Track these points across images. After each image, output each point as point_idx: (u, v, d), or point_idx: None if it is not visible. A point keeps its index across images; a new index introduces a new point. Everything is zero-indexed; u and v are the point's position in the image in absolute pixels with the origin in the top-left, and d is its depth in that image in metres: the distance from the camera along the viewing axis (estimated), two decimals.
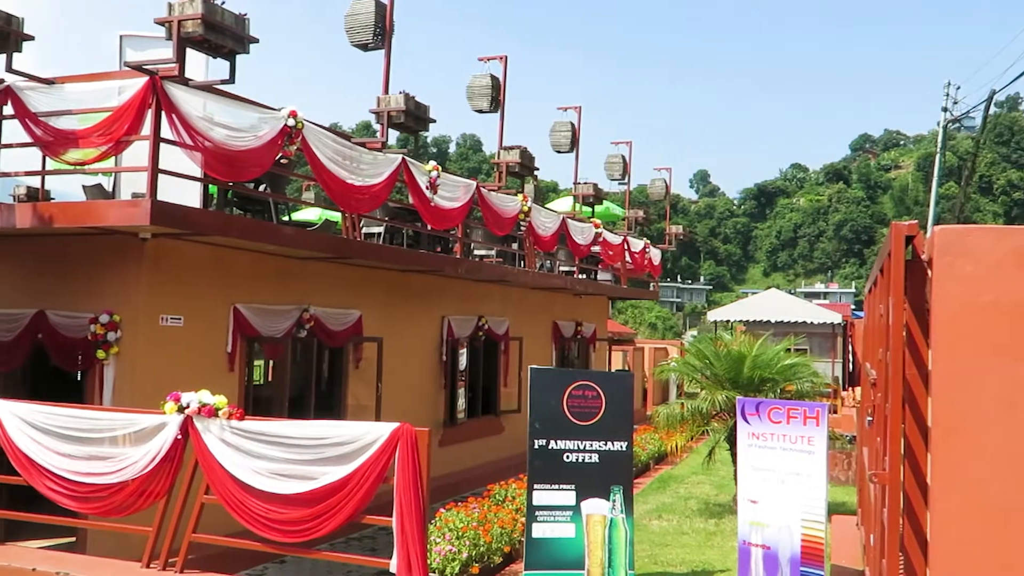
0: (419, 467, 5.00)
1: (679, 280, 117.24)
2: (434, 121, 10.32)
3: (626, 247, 17.65)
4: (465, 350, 13.14)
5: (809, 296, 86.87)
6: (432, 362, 12.09)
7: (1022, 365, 3.37)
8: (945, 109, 25.07)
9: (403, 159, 9.69)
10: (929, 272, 3.53)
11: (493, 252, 14.63)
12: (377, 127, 10.04)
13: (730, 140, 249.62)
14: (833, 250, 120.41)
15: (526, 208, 13.09)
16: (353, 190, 8.88)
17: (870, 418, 4.98)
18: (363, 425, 5.29)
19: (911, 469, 3.71)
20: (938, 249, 3.45)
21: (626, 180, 19.06)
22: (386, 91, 9.88)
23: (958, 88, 24.78)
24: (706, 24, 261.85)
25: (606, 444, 6.97)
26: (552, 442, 6.94)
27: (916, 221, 3.52)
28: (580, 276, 17.11)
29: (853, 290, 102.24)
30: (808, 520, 5.71)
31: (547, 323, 16.22)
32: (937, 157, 21.66)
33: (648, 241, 19.63)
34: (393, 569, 5.01)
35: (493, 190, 12.60)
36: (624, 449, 7.01)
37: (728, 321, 20.31)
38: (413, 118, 9.99)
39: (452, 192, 10.89)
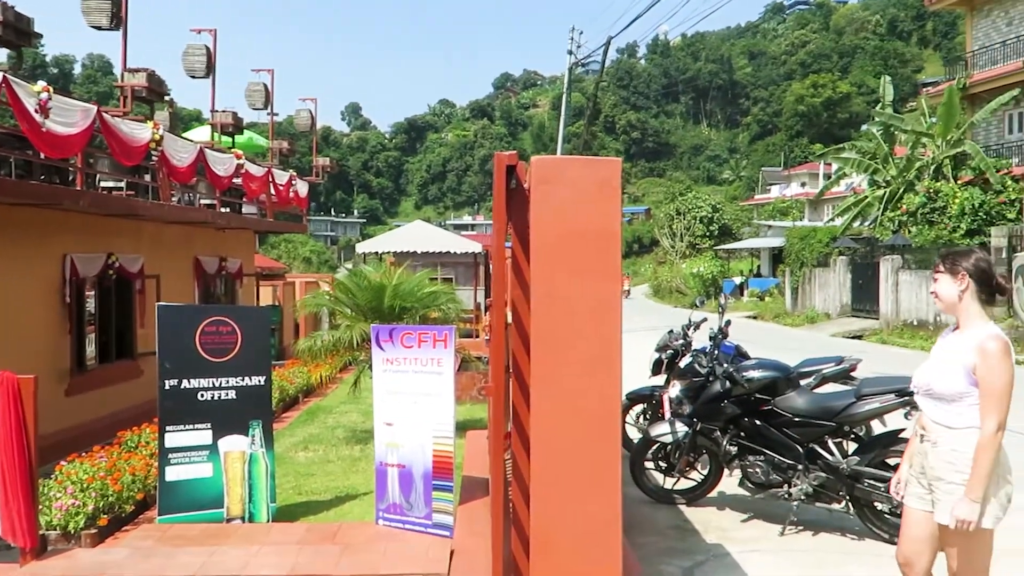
0: (23, 419, 4.57)
1: (333, 214, 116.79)
2: (39, 36, 9.23)
3: (270, 179, 17.15)
4: (95, 291, 12.12)
5: (458, 228, 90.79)
6: (52, 305, 10.99)
7: (606, 283, 3.78)
8: (571, 52, 27.11)
9: (4, 77, 8.56)
10: (530, 200, 3.82)
11: (123, 184, 13.55)
12: None
13: (381, 74, 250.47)
14: (479, 183, 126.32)
15: (157, 136, 12.18)
16: None
17: (487, 337, 5.34)
18: None
19: (518, 381, 4.05)
20: (536, 178, 3.73)
21: (269, 109, 18.46)
22: None
23: (581, 33, 26.89)
24: None
25: (243, 379, 6.82)
26: (185, 381, 6.65)
27: (516, 152, 3.78)
28: (223, 210, 16.40)
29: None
30: (439, 437, 6.03)
31: (188, 259, 15.40)
32: (564, 97, 23.46)
33: (294, 173, 19.22)
34: None
35: (118, 116, 11.58)
36: (262, 384, 6.90)
37: (378, 253, 20.63)
38: (13, 31, 8.85)
39: (68, 117, 9.80)
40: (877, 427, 6.48)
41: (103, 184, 13.24)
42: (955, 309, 3.81)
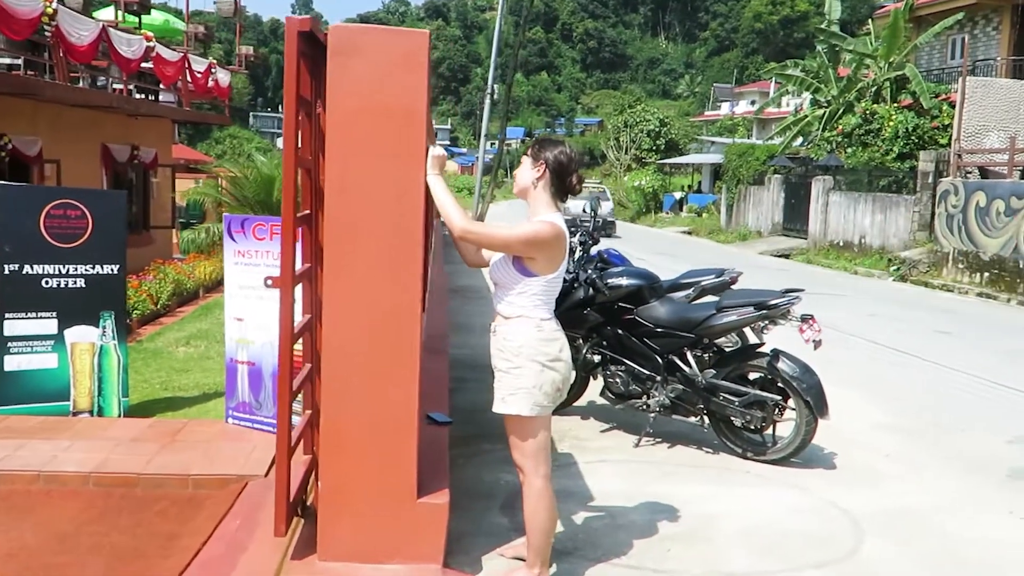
0: None
1: (280, 110, 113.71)
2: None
3: (186, 65, 16.35)
4: None
5: None
6: None
7: (408, 166, 3.47)
8: None
9: None
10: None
11: (20, 61, 12.82)
12: None
13: None
14: (432, 85, 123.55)
15: (50, 10, 11.42)
16: None
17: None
18: None
19: (324, 272, 3.76)
20: (332, 49, 3.37)
21: None
22: None
23: None
24: None
25: (94, 268, 6.44)
26: (27, 267, 6.26)
27: (310, 16, 3.41)
28: (138, 96, 15.63)
29: (449, 127, 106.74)
30: None
31: (95, 145, 14.69)
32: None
33: (214, 61, 18.37)
34: None
35: None
36: (116, 272, 6.53)
37: None
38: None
39: None
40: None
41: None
42: (527, 194, 3.77)
